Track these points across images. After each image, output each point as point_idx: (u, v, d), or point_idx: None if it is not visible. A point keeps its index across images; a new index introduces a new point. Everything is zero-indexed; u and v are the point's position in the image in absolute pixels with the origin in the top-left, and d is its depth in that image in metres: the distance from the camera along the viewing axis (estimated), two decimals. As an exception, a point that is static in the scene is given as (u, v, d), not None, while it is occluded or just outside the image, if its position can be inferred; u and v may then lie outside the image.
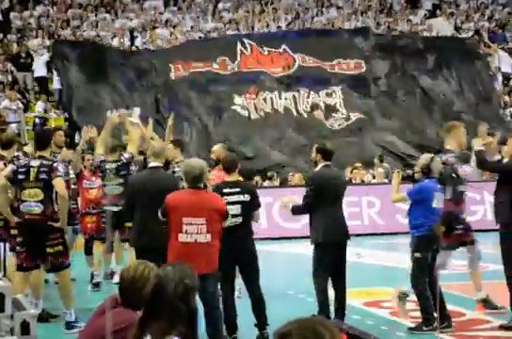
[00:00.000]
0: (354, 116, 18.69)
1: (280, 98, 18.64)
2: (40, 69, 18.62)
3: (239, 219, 6.68)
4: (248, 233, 6.85)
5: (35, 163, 7.01)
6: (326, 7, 22.56)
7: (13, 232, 7.60)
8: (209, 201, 5.99)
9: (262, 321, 6.76)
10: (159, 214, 6.10)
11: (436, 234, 7.03)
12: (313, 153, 7.14)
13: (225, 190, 6.69)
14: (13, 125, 16.65)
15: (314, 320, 2.06)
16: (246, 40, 19.14)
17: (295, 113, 18.58)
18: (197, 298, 6.77)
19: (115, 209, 8.79)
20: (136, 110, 9.20)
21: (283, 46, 19.20)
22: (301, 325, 2.02)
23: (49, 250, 7.03)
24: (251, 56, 19.00)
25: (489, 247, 8.52)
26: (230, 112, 18.29)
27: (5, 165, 7.60)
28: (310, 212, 7.07)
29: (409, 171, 7.43)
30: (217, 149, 8.75)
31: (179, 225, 5.87)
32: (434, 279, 7.04)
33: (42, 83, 18.85)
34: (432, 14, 23.42)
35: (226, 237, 6.46)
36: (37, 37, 19.31)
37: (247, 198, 6.74)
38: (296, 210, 7.16)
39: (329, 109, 18.67)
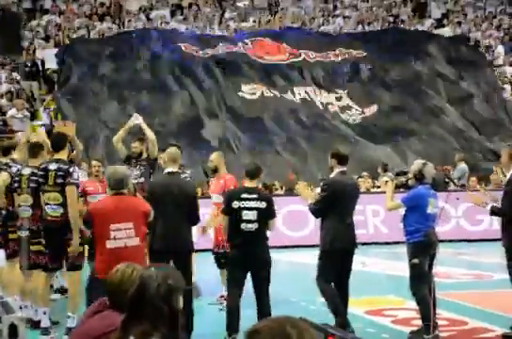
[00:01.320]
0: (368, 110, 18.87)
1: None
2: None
3: (254, 225, 6.69)
4: (263, 240, 6.82)
5: (52, 166, 7.04)
6: (332, 16, 22.58)
7: (12, 236, 7.60)
8: (134, 205, 6.05)
9: None
10: (82, 226, 6.19)
11: (432, 239, 6.98)
12: (329, 160, 7.21)
13: (243, 195, 6.73)
14: (20, 134, 16.69)
15: (286, 320, 2.00)
16: (247, 40, 19.57)
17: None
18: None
19: None
20: (136, 117, 9.09)
21: (284, 44, 19.66)
22: (271, 324, 1.96)
23: (69, 249, 7.05)
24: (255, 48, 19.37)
25: (497, 256, 8.43)
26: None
27: None
28: (320, 217, 7.06)
29: (403, 179, 7.41)
30: (215, 157, 8.71)
31: (106, 232, 5.91)
32: (432, 285, 6.98)
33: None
34: (439, 24, 23.39)
35: (240, 243, 6.60)
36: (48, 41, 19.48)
37: (263, 205, 6.75)
38: (310, 209, 7.16)
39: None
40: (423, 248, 6.97)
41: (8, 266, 7.71)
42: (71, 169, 7.05)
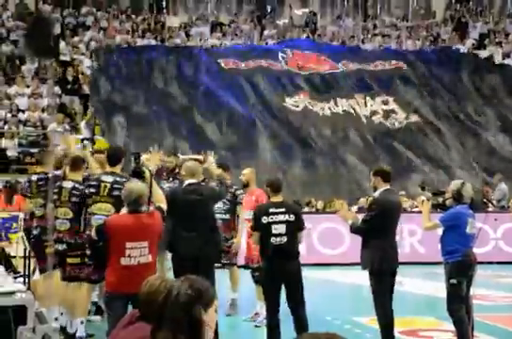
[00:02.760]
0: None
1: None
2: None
3: (284, 239, 6.75)
4: (293, 252, 6.84)
5: (108, 178, 7.11)
6: (372, 35, 22.56)
7: (48, 250, 7.66)
8: (150, 224, 6.03)
9: None
10: (93, 233, 6.19)
11: (470, 259, 6.85)
12: (372, 178, 7.01)
13: (270, 210, 6.79)
14: (60, 148, 16.91)
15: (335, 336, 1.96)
16: (287, 50, 19.85)
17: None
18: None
19: None
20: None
21: (323, 56, 19.89)
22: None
23: None
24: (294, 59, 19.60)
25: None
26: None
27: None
28: (365, 237, 6.93)
29: (440, 199, 7.31)
30: (247, 172, 8.71)
31: (121, 249, 5.91)
32: (469, 306, 6.85)
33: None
34: (480, 44, 23.20)
35: (271, 257, 6.65)
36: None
37: (292, 218, 6.80)
38: (355, 229, 7.01)
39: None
40: (461, 268, 6.85)
41: (44, 278, 7.76)
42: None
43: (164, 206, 6.39)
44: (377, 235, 6.80)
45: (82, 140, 17.84)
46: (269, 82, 19.17)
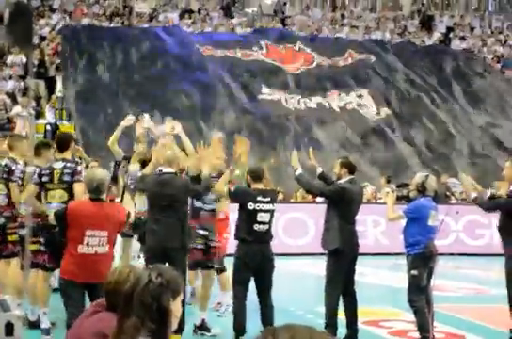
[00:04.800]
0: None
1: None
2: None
3: (266, 227, 6.90)
4: (270, 240, 7.00)
5: (58, 165, 7.07)
6: (339, 25, 22.64)
7: (11, 238, 7.57)
8: (112, 215, 5.98)
9: None
10: (52, 216, 6.14)
11: (432, 251, 6.97)
12: (337, 168, 7.24)
13: (258, 198, 6.87)
14: (23, 132, 16.66)
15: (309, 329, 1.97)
16: (262, 41, 19.92)
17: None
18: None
19: None
20: (146, 117, 8.93)
21: (298, 45, 19.90)
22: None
23: None
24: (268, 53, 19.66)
25: (495, 270, 8.42)
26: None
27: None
28: (327, 217, 7.11)
29: (404, 191, 7.44)
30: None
31: (80, 237, 5.86)
32: (430, 297, 6.99)
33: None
34: (446, 37, 23.45)
35: (250, 243, 6.76)
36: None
37: (274, 207, 6.98)
38: (306, 183, 7.23)
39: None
40: (422, 260, 6.97)
41: (1, 266, 7.67)
42: (78, 168, 7.12)
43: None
44: (339, 219, 7.02)
45: (46, 125, 17.73)
46: (244, 72, 19.12)
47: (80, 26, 19.89)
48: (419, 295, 6.94)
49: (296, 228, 13.66)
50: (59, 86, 18.35)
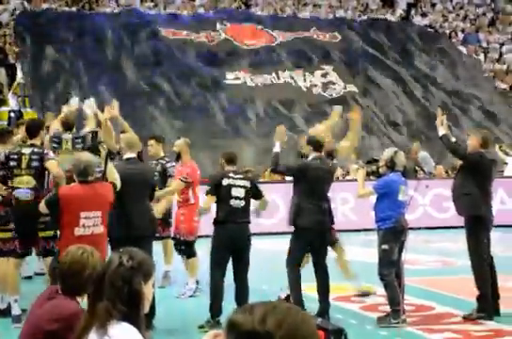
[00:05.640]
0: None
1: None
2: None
3: (242, 203, 6.97)
4: (248, 219, 7.05)
5: (26, 150, 7.04)
6: (302, 4, 22.60)
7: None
8: (104, 194, 6.08)
9: None
10: (43, 204, 6.16)
11: (402, 226, 7.09)
12: (304, 146, 7.38)
13: (230, 174, 7.02)
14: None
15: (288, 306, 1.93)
16: (224, 21, 19.94)
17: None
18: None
19: None
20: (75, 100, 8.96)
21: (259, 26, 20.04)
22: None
23: (41, 233, 7.06)
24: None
25: (460, 242, 8.58)
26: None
27: None
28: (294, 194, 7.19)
29: (373, 167, 7.55)
30: (180, 143, 8.72)
31: (76, 220, 5.93)
32: (400, 271, 7.12)
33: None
34: (407, 14, 23.55)
35: (226, 221, 6.82)
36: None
37: (248, 184, 7.04)
38: (275, 165, 7.33)
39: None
40: (393, 234, 7.09)
41: None
42: (46, 151, 7.18)
43: (117, 183, 6.34)
44: (303, 196, 7.14)
45: (9, 112, 17.48)
46: (207, 55, 19.04)
47: (39, 11, 19.59)
48: (389, 269, 7.07)
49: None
50: (20, 73, 18.07)
